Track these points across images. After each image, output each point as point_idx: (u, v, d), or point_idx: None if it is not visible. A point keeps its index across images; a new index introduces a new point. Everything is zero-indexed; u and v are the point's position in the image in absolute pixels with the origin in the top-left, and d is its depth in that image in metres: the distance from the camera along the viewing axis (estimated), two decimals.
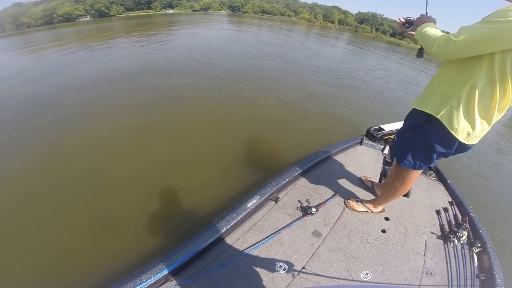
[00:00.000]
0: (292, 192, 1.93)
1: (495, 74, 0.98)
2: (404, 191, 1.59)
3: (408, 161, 1.36)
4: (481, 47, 0.96)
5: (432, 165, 2.45)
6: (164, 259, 1.32)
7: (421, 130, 1.24)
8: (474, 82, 1.03)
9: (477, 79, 1.02)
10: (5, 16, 40.67)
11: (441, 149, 1.21)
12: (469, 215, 1.89)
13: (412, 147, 1.32)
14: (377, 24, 69.66)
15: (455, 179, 2.43)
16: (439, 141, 1.19)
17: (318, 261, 1.46)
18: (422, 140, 1.25)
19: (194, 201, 2.50)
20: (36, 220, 2.25)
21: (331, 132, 4.30)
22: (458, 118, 1.09)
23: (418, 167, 1.37)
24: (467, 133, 1.12)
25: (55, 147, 3.30)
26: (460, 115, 1.09)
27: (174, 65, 7.17)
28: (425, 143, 1.24)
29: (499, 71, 0.97)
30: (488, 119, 1.09)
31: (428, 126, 1.19)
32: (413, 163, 1.35)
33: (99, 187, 2.63)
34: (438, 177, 2.43)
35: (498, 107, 1.05)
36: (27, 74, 6.56)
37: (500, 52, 0.94)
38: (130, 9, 54.45)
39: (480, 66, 1.01)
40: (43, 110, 4.35)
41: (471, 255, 1.60)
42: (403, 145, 1.37)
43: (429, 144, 1.22)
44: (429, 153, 1.26)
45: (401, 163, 1.40)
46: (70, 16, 44.47)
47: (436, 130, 1.17)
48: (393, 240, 1.65)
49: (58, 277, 1.84)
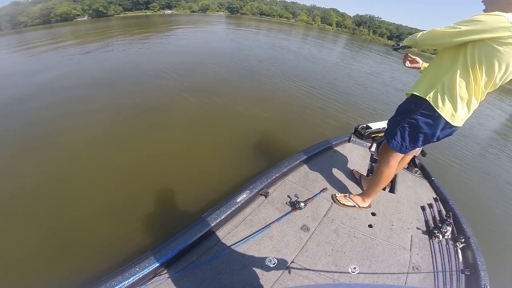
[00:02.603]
0: (281, 187, 1.95)
1: (468, 63, 1.18)
2: (388, 177, 1.68)
3: (396, 141, 1.52)
4: (454, 37, 1.18)
5: (417, 163, 2.51)
6: (153, 253, 1.32)
7: (410, 113, 1.41)
8: (455, 70, 1.23)
9: (456, 68, 1.22)
10: (2, 14, 40.36)
11: (427, 129, 1.38)
12: (453, 211, 1.94)
13: (401, 129, 1.47)
14: (374, 27, 70.21)
15: (440, 176, 2.50)
16: (425, 122, 1.37)
17: (307, 255, 1.48)
18: (410, 122, 1.42)
19: (183, 196, 2.49)
20: (24, 215, 2.23)
21: (320, 130, 4.37)
22: (443, 100, 1.28)
23: (405, 149, 1.53)
24: (451, 113, 1.30)
25: (43, 143, 3.30)
26: (445, 97, 1.27)
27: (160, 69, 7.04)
28: (412, 124, 1.42)
29: (470, 60, 1.17)
30: (468, 104, 1.28)
31: (417, 110, 1.37)
32: (400, 144, 1.51)
33: (88, 182, 2.61)
34: (423, 174, 2.48)
35: (474, 94, 1.24)
36: None
37: (470, 45, 1.16)
38: (128, 9, 54.29)
39: (458, 57, 1.21)
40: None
41: (456, 250, 1.64)
42: (393, 127, 1.53)
43: (417, 125, 1.40)
44: (416, 134, 1.43)
45: (389, 143, 1.55)
46: (68, 15, 44.24)
47: (424, 111, 1.35)
48: (379, 235, 1.68)
49: (46, 272, 1.83)
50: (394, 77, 11.13)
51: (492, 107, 10.62)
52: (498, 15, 1.06)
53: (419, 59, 1.70)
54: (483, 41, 1.11)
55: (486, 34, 1.09)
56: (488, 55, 1.12)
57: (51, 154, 3.08)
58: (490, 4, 1.21)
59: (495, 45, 1.09)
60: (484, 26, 1.08)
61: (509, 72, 1.16)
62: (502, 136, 7.06)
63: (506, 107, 12.16)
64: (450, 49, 1.26)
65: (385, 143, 1.67)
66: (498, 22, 1.05)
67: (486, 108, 9.75)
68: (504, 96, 15.87)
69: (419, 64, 1.69)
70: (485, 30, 1.08)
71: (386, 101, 6.99)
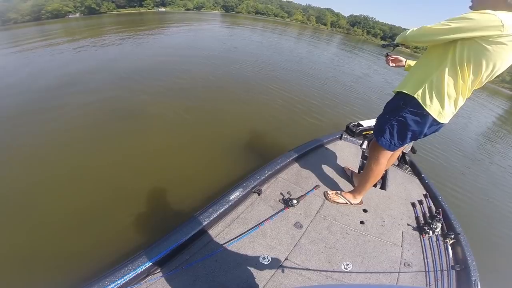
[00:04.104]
0: (274, 185, 1.96)
1: (457, 61, 1.18)
2: (378, 174, 1.70)
3: (385, 139, 1.53)
4: (444, 34, 1.17)
5: (408, 160, 2.55)
6: (146, 252, 1.30)
7: (399, 111, 1.42)
8: (443, 68, 1.23)
9: (445, 66, 1.22)
10: None
11: (415, 127, 1.40)
12: (443, 207, 1.97)
13: (390, 126, 1.49)
14: (368, 27, 70.80)
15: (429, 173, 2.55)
16: (413, 120, 1.38)
17: (300, 252, 1.48)
18: (399, 119, 1.44)
19: (176, 195, 2.48)
20: (15, 214, 2.20)
21: (312, 127, 4.42)
22: (431, 97, 1.29)
23: (393, 147, 1.55)
24: (438, 111, 1.31)
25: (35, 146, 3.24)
26: (433, 94, 1.29)
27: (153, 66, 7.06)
28: (401, 122, 1.43)
29: (459, 59, 1.17)
30: (455, 102, 1.30)
31: (405, 108, 1.38)
32: (389, 142, 1.53)
33: (81, 181, 2.58)
34: (414, 171, 2.52)
35: (461, 91, 1.26)
36: None
37: (459, 43, 1.16)
38: (121, 6, 53.48)
39: (447, 55, 1.21)
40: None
41: (446, 247, 1.67)
42: (382, 125, 1.54)
43: (405, 123, 1.41)
44: (404, 131, 1.45)
45: (379, 141, 1.57)
46: (59, 12, 43.39)
47: (412, 109, 1.36)
48: (371, 232, 1.70)
49: (38, 273, 1.80)
50: (385, 77, 11.25)
51: (483, 107, 10.84)
52: (489, 14, 1.05)
53: (401, 58, 1.72)
54: (472, 40, 1.11)
55: (476, 32, 1.08)
56: (477, 53, 1.12)
57: (39, 153, 3.02)
58: (478, 1, 1.21)
59: (484, 43, 1.09)
60: (475, 24, 1.07)
61: (495, 71, 1.17)
62: (491, 135, 7.24)
63: (494, 108, 12.44)
64: (439, 47, 1.26)
65: (374, 140, 1.69)
66: (489, 21, 1.05)
67: (478, 107, 9.95)
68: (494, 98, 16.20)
69: (402, 62, 1.71)
70: (476, 28, 1.08)
71: (377, 99, 7.09)
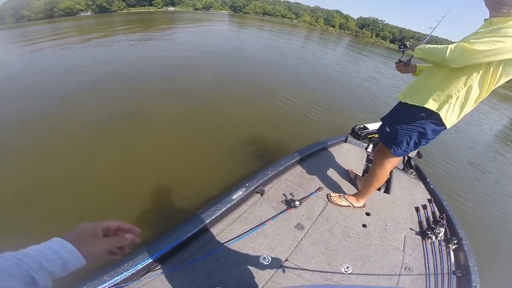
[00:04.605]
0: (277, 186, 1.96)
1: (488, 78, 1.18)
2: (382, 179, 1.70)
3: (402, 150, 1.53)
4: (490, 56, 1.11)
5: (413, 164, 2.52)
6: (147, 248, 1.31)
7: (420, 123, 1.42)
8: (471, 84, 1.22)
9: (474, 82, 1.21)
10: (7, 8, 40.41)
11: (431, 135, 1.43)
12: (447, 212, 1.95)
13: (409, 137, 1.49)
14: (377, 30, 70.12)
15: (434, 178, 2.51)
16: (431, 131, 1.41)
17: (300, 254, 1.48)
18: (419, 131, 1.44)
19: (179, 193, 2.50)
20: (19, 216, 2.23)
21: (317, 130, 4.38)
22: (453, 113, 1.32)
23: (405, 154, 1.57)
24: (452, 122, 1.36)
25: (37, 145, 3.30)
26: (455, 110, 1.31)
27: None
28: (421, 133, 1.44)
29: (491, 76, 1.17)
30: (468, 111, 1.33)
31: (426, 118, 1.39)
32: (404, 151, 1.54)
33: (85, 180, 2.61)
34: (419, 176, 2.49)
35: (476, 102, 1.29)
36: None
37: (497, 61, 1.13)
38: (131, 5, 54.24)
39: (478, 71, 1.18)
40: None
41: (448, 252, 1.65)
42: (399, 136, 1.51)
43: (424, 134, 1.43)
44: (421, 140, 1.46)
45: (395, 152, 1.55)
46: (71, 10, 44.22)
47: (432, 121, 1.38)
48: (373, 235, 1.69)
49: None
50: (392, 81, 11.12)
51: (493, 112, 10.63)
52: None
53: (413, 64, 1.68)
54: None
55: None
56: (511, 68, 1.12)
57: (47, 149, 3.09)
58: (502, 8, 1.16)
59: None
60: None
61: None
62: (499, 142, 7.08)
63: (508, 113, 12.17)
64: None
65: (381, 146, 1.67)
66: None
67: (490, 113, 9.75)
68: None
69: (414, 68, 1.67)
70: None
71: (384, 103, 7.00)
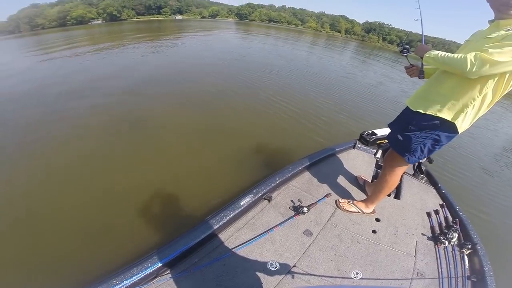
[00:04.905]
0: (285, 192, 1.95)
1: (502, 84, 1.17)
2: (392, 185, 1.68)
3: (416, 158, 1.52)
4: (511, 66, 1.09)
5: (423, 169, 2.48)
6: (156, 253, 1.33)
7: (434, 130, 1.40)
8: (486, 93, 1.21)
9: (489, 90, 1.20)
10: (22, 16, 41.96)
11: (445, 141, 1.42)
12: (460, 217, 1.91)
13: (423, 145, 1.47)
14: (384, 34, 69.91)
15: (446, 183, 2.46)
16: (446, 137, 1.40)
17: (309, 260, 1.47)
18: (433, 138, 1.42)
19: (187, 199, 2.52)
20: (29, 216, 2.29)
21: (325, 136, 4.36)
22: (467, 120, 1.31)
23: (418, 160, 1.56)
24: (464, 128, 1.35)
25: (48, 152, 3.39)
26: (470, 117, 1.30)
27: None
28: (435, 140, 1.43)
29: (506, 82, 1.17)
30: (479, 116, 1.32)
31: (440, 126, 1.37)
32: (418, 159, 1.53)
33: (94, 186, 2.67)
34: (430, 181, 2.45)
35: (488, 109, 1.28)
36: None
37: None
38: (140, 14, 55.76)
39: (493, 78, 1.17)
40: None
41: (462, 257, 1.61)
42: (413, 144, 1.49)
43: (438, 140, 1.42)
44: (435, 147, 1.46)
45: (410, 160, 1.54)
46: (83, 18, 45.68)
47: (446, 129, 1.37)
48: (383, 241, 1.66)
49: (51, 272, 1.87)
50: (400, 86, 11.02)
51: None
52: None
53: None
54: None
55: None
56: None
57: (58, 157, 3.17)
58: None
59: None
60: None
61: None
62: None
63: None
64: None
65: (393, 153, 1.63)
66: None
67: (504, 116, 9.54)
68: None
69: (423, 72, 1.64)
70: None
71: (392, 108, 6.92)
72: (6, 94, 5.31)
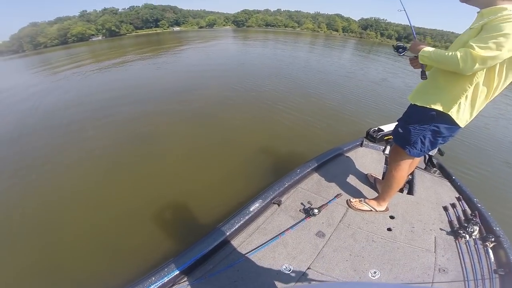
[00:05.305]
0: (294, 195, 1.94)
1: (495, 74, 1.17)
2: (400, 180, 1.66)
3: (417, 150, 1.52)
4: (500, 59, 1.10)
5: (435, 163, 2.42)
6: (172, 262, 1.36)
7: (432, 122, 1.42)
8: (478, 82, 1.22)
9: (480, 80, 1.21)
10: (23, 36, 42.93)
11: (447, 133, 1.42)
12: (479, 209, 1.84)
13: (422, 137, 1.48)
14: (381, 29, 69.74)
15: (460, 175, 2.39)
16: (445, 129, 1.40)
17: (323, 261, 1.45)
18: (432, 129, 1.43)
19: (199, 208, 2.57)
20: (51, 224, 2.40)
21: (331, 136, 4.35)
22: (464, 111, 1.31)
23: (422, 154, 1.55)
24: (466, 120, 1.34)
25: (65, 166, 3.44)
26: (466, 109, 1.31)
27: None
28: (434, 131, 1.43)
29: (498, 71, 1.16)
30: (481, 108, 1.33)
31: (437, 118, 1.39)
32: (420, 151, 1.52)
33: (108, 202, 2.75)
34: (443, 174, 2.39)
35: (488, 99, 1.29)
36: None
37: None
38: (139, 28, 56.71)
39: (482, 70, 1.18)
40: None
41: (486, 250, 1.55)
42: (412, 136, 1.51)
43: (438, 132, 1.42)
44: (437, 139, 1.46)
45: (411, 152, 1.54)
46: (83, 35, 46.60)
47: (444, 121, 1.37)
48: (400, 238, 1.63)
49: (72, 280, 1.94)
50: (404, 80, 10.92)
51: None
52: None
53: None
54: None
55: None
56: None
57: (70, 170, 3.24)
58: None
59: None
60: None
61: None
62: None
63: None
64: None
65: (396, 147, 1.65)
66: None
67: None
68: None
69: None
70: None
71: (396, 103, 6.85)
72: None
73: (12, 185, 3.06)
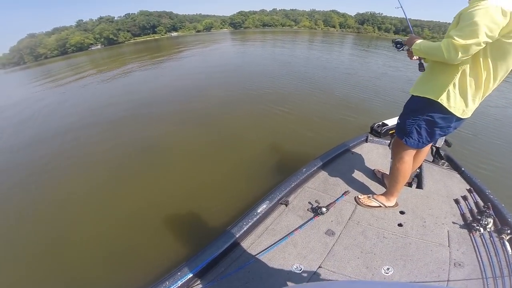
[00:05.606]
0: (301, 195, 1.93)
1: (480, 60, 1.19)
2: (405, 172, 1.64)
3: (413, 139, 1.52)
4: (481, 44, 1.12)
5: (443, 155, 2.38)
6: (185, 265, 1.37)
7: (424, 110, 1.43)
8: (464, 69, 1.24)
9: (465, 67, 1.23)
10: (23, 47, 43.29)
11: (443, 123, 1.41)
12: (492, 201, 1.79)
13: (417, 127, 1.49)
14: (378, 23, 69.38)
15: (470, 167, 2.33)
16: (440, 118, 1.40)
17: (334, 259, 1.44)
18: (426, 119, 1.44)
19: (207, 212, 2.59)
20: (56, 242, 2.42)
21: (335, 134, 4.32)
22: (455, 99, 1.31)
23: (422, 145, 1.55)
24: (462, 110, 1.34)
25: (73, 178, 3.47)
26: (456, 96, 1.31)
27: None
28: (428, 121, 1.44)
29: (483, 57, 1.18)
30: (477, 97, 1.31)
31: (430, 107, 1.39)
32: (417, 141, 1.53)
33: (116, 211, 2.78)
34: (452, 166, 2.33)
35: (484, 87, 1.27)
36: None
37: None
38: (136, 35, 56.97)
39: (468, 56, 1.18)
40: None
41: (502, 243, 1.51)
42: (407, 126, 1.52)
43: (433, 121, 1.42)
44: (432, 128, 1.45)
45: (406, 142, 1.55)
46: (82, 45, 46.90)
47: (437, 109, 1.38)
48: (411, 233, 1.60)
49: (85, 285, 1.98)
50: (405, 74, 10.83)
51: None
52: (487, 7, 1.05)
53: None
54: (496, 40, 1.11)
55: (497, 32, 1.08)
56: (500, 50, 1.14)
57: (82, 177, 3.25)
58: None
59: (504, 39, 1.10)
60: (492, 26, 1.06)
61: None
62: None
63: None
64: None
65: (396, 139, 1.66)
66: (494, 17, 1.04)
67: None
68: None
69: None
70: (495, 30, 1.07)
71: (398, 97, 6.78)
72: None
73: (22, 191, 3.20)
